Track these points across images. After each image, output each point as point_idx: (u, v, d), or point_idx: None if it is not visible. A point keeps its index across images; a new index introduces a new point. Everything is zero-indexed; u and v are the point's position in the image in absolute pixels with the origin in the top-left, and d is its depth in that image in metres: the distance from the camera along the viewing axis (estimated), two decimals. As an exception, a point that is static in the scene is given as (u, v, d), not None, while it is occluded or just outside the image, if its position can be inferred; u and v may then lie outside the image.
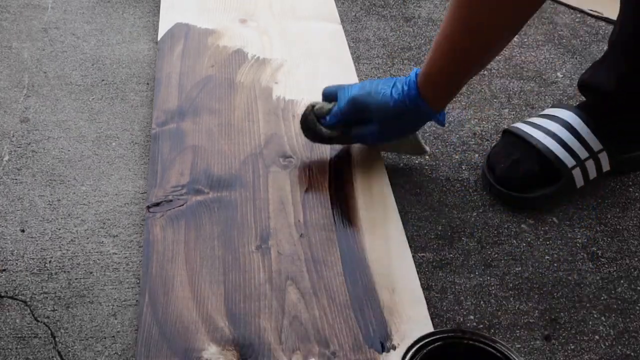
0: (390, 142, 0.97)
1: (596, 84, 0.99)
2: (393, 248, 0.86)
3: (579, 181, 0.99)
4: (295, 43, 1.19)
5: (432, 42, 0.86)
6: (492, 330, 0.83)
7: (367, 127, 0.92)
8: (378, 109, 0.89)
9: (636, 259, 0.94)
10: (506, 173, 0.98)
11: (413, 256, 0.88)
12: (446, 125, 1.12)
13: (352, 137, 0.95)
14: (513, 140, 1.01)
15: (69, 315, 0.80)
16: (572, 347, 0.82)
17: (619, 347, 0.83)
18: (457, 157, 1.06)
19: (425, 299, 0.82)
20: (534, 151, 0.99)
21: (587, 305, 0.87)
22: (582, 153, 0.98)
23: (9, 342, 0.77)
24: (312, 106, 0.93)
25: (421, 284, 0.84)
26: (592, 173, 1.00)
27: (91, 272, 0.85)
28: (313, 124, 0.93)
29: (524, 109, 1.16)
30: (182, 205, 0.89)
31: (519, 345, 0.82)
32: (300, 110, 1.05)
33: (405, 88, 0.88)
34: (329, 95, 0.95)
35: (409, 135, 0.97)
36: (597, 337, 0.84)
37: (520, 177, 0.98)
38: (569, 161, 0.98)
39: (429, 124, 1.10)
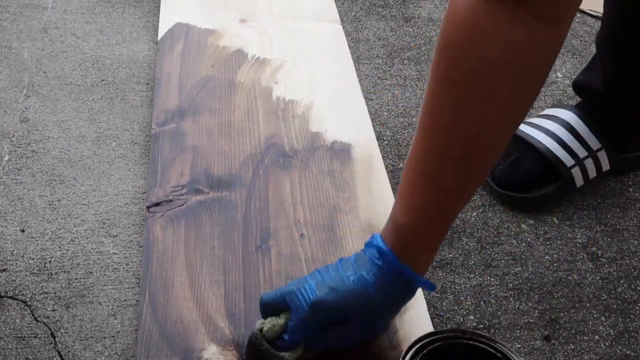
0: (379, 332, 0.75)
1: (587, 85, 1.01)
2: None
3: (579, 180, 0.99)
4: (295, 43, 1.19)
5: (397, 191, 0.69)
6: (492, 330, 0.83)
7: (343, 330, 0.69)
8: (356, 305, 0.68)
9: (636, 259, 0.94)
10: (505, 173, 0.99)
11: (413, 256, 0.88)
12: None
13: (325, 346, 0.71)
14: (512, 140, 1.01)
15: (69, 315, 0.80)
16: (572, 347, 0.82)
17: (619, 347, 0.83)
18: (457, 157, 1.06)
19: (425, 299, 0.82)
20: (533, 151, 0.99)
21: (587, 305, 0.87)
22: (581, 152, 0.99)
23: (9, 342, 0.77)
24: (260, 329, 0.69)
25: (421, 284, 0.84)
26: (592, 172, 1.00)
27: (91, 272, 0.85)
28: (268, 353, 0.68)
29: (524, 109, 1.16)
30: (182, 205, 0.89)
31: (519, 345, 0.82)
32: (301, 111, 1.05)
33: (378, 263, 0.68)
34: (272, 304, 0.70)
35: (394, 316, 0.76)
36: (597, 337, 0.84)
37: (520, 177, 0.98)
38: (568, 160, 0.98)
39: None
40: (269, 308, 0.71)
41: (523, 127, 1.02)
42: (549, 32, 0.60)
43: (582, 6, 1.41)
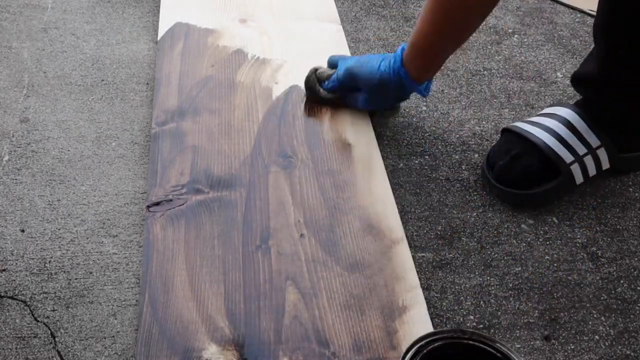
0: (378, 109, 1.07)
1: (583, 75, 1.01)
2: (393, 249, 0.86)
3: (579, 177, 0.99)
4: (295, 43, 1.19)
5: (417, 18, 0.95)
6: (492, 330, 0.83)
7: (358, 94, 1.03)
8: (366, 80, 1.00)
9: (636, 259, 0.94)
10: (505, 170, 0.99)
11: (413, 256, 0.88)
12: (446, 125, 1.12)
13: (346, 102, 1.05)
14: (511, 138, 1.02)
15: (69, 315, 0.80)
16: (572, 347, 0.82)
17: (619, 347, 0.83)
18: (457, 157, 1.06)
19: (425, 299, 0.82)
20: (532, 148, 0.99)
21: (587, 305, 0.87)
22: (580, 149, 0.99)
23: (9, 342, 0.77)
24: (315, 69, 1.05)
25: (421, 284, 0.84)
26: (592, 170, 1.00)
27: (91, 272, 0.85)
28: (314, 83, 1.05)
29: (523, 108, 1.16)
30: (182, 204, 0.89)
31: (519, 345, 0.82)
32: (301, 111, 1.05)
33: (392, 61, 0.98)
34: (332, 63, 1.07)
35: (396, 104, 1.10)
36: (597, 337, 0.84)
37: (519, 173, 0.98)
38: (567, 157, 0.98)
39: (431, 124, 1.10)
40: (330, 64, 1.08)
41: (522, 125, 1.02)
42: None
43: (582, 6, 1.41)
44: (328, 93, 1.05)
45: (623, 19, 0.92)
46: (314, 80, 1.05)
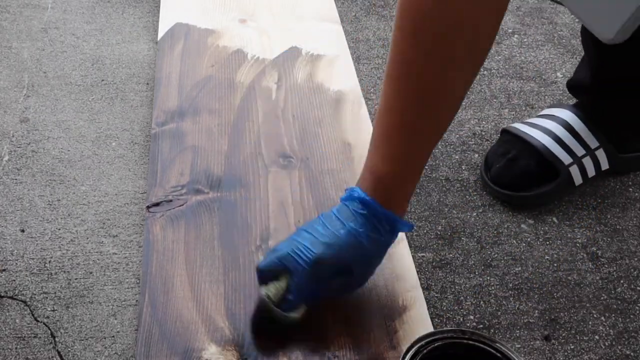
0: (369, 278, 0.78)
1: (577, 82, 1.01)
2: (393, 248, 0.86)
3: (578, 179, 0.99)
4: (295, 43, 1.19)
5: (372, 144, 0.73)
6: (492, 330, 0.83)
7: (342, 280, 0.74)
8: (353, 255, 0.72)
9: (636, 259, 0.94)
10: (502, 171, 0.99)
11: (413, 256, 0.88)
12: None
13: (324, 298, 0.76)
14: (510, 139, 1.02)
15: (69, 315, 0.80)
16: (572, 347, 0.82)
17: (619, 347, 0.83)
18: (456, 157, 1.06)
19: (425, 299, 0.82)
20: (530, 149, 0.99)
21: (587, 305, 0.87)
22: (579, 150, 0.99)
23: (9, 342, 0.77)
24: (267, 296, 0.73)
25: (421, 284, 0.84)
26: (591, 171, 1.00)
27: (91, 272, 0.85)
28: (280, 316, 0.73)
29: (523, 109, 1.16)
30: (182, 205, 0.89)
31: (519, 345, 0.82)
32: (301, 111, 1.05)
33: (363, 212, 0.72)
34: (270, 270, 0.74)
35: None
36: (597, 337, 0.84)
37: (517, 175, 0.98)
38: (566, 158, 0.98)
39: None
40: (266, 274, 0.74)
41: (521, 126, 1.02)
42: None
43: (582, 6, 1.41)
44: (297, 312, 0.74)
45: None
46: (277, 312, 0.73)
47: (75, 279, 0.84)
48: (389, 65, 0.70)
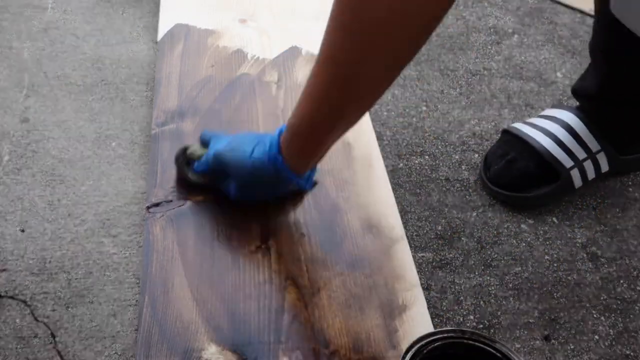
0: (253, 200, 0.89)
1: (584, 90, 1.01)
2: (393, 248, 0.86)
3: (577, 182, 0.99)
4: (295, 43, 1.19)
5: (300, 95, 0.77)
6: (492, 330, 0.83)
7: (229, 182, 0.86)
8: (236, 168, 0.83)
9: (636, 259, 0.94)
10: (500, 172, 0.99)
11: (413, 256, 0.88)
12: (446, 125, 1.12)
13: (218, 188, 0.89)
14: (510, 139, 1.02)
15: (69, 315, 0.80)
16: (572, 347, 0.82)
17: (619, 347, 0.83)
18: (456, 157, 1.06)
19: (425, 299, 0.82)
20: (530, 150, 0.99)
21: (587, 305, 0.87)
22: (580, 154, 0.99)
23: (9, 342, 0.77)
24: (186, 148, 0.91)
25: (421, 284, 0.84)
26: (591, 174, 1.00)
27: (91, 272, 0.85)
28: (182, 165, 0.90)
29: (523, 109, 1.16)
30: (182, 205, 0.89)
31: (518, 345, 0.82)
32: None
33: (267, 146, 0.81)
34: (205, 141, 0.90)
35: (272, 197, 0.89)
36: (596, 337, 0.84)
37: (515, 176, 0.98)
38: (567, 161, 0.98)
39: (431, 124, 1.10)
40: (203, 141, 0.91)
41: (521, 127, 1.02)
42: None
43: (582, 6, 1.41)
44: (198, 177, 0.90)
45: (625, 40, 0.91)
46: (182, 161, 0.90)
47: (75, 279, 0.84)
48: (325, 49, 0.74)
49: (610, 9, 0.78)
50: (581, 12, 1.41)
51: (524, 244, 0.94)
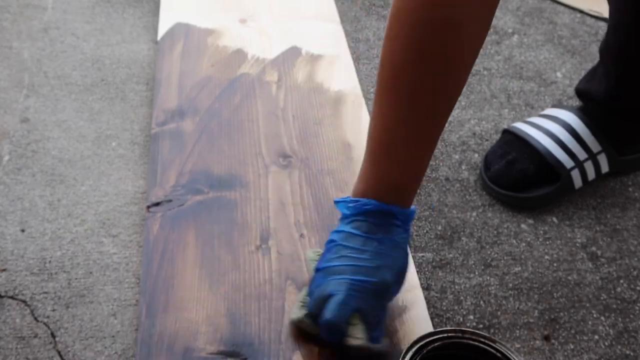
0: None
1: (589, 93, 1.00)
2: (393, 248, 0.86)
3: (578, 182, 0.99)
4: (295, 43, 1.19)
5: (368, 146, 0.73)
6: (492, 330, 0.83)
7: (399, 285, 0.76)
8: (404, 261, 0.74)
9: (636, 259, 0.94)
10: (501, 172, 0.99)
11: (413, 256, 0.88)
12: (446, 125, 1.12)
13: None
14: (511, 139, 1.02)
15: (69, 315, 0.80)
16: (572, 347, 0.82)
17: (619, 347, 0.83)
18: (456, 157, 1.06)
19: (425, 298, 0.82)
20: (532, 151, 0.99)
21: (587, 305, 0.87)
22: (581, 154, 0.99)
23: (9, 342, 0.77)
24: (363, 344, 0.71)
25: (421, 284, 0.84)
26: (591, 174, 1.00)
27: (91, 272, 0.85)
28: (379, 349, 0.73)
29: (523, 109, 1.16)
30: (182, 205, 0.89)
31: (518, 345, 0.82)
32: (301, 111, 1.05)
33: (395, 222, 0.72)
34: (342, 320, 0.70)
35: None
36: (596, 337, 0.84)
37: (515, 176, 0.98)
38: (568, 162, 0.98)
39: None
40: (341, 323, 0.70)
41: (522, 127, 1.02)
42: None
43: (582, 6, 1.41)
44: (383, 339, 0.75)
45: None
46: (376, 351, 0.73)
47: (75, 278, 0.84)
48: (379, 74, 0.70)
49: None
50: (581, 12, 1.41)
51: (523, 244, 0.94)
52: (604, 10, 1.39)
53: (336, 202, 0.75)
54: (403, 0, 0.67)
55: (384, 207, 0.71)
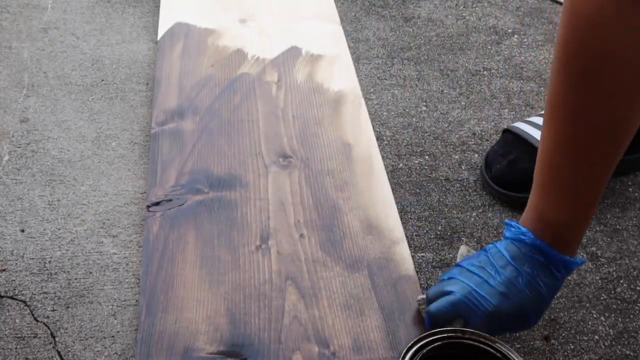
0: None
1: None
2: (393, 248, 0.86)
3: (579, 182, 0.99)
4: (295, 43, 1.19)
5: (536, 177, 0.72)
6: (492, 330, 0.83)
7: (517, 324, 0.74)
8: (531, 307, 0.72)
9: (636, 259, 0.94)
10: (502, 172, 0.99)
11: (413, 256, 0.88)
12: (446, 125, 1.12)
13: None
14: (512, 139, 1.01)
15: (69, 315, 0.80)
16: (572, 347, 0.82)
17: (619, 347, 0.83)
18: (456, 157, 1.06)
19: (425, 299, 0.82)
20: (532, 151, 0.99)
21: (587, 305, 0.87)
22: None
23: (9, 342, 0.77)
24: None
25: (421, 284, 0.84)
26: (592, 174, 1.00)
27: (91, 272, 0.85)
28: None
29: (523, 109, 1.16)
30: (182, 204, 0.89)
31: (518, 345, 0.82)
32: (301, 111, 1.05)
33: (540, 259, 0.71)
34: (443, 315, 0.73)
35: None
36: (596, 337, 0.84)
37: (517, 176, 0.98)
38: None
39: (431, 124, 1.10)
40: (438, 318, 0.73)
41: (522, 126, 1.02)
42: None
43: (582, 6, 1.41)
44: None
45: None
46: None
47: (75, 279, 0.84)
48: (551, 103, 0.67)
49: None
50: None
51: (524, 244, 0.94)
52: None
53: (505, 223, 0.76)
54: (569, 23, 0.65)
55: (536, 243, 0.71)
